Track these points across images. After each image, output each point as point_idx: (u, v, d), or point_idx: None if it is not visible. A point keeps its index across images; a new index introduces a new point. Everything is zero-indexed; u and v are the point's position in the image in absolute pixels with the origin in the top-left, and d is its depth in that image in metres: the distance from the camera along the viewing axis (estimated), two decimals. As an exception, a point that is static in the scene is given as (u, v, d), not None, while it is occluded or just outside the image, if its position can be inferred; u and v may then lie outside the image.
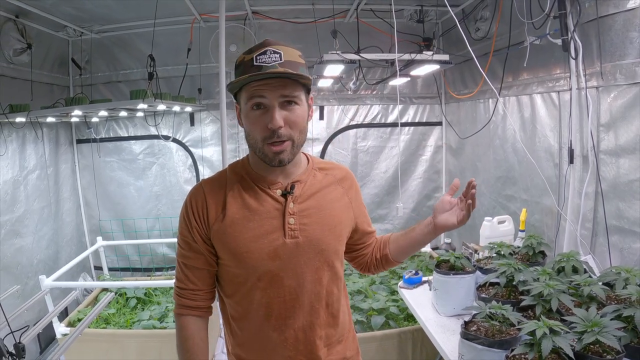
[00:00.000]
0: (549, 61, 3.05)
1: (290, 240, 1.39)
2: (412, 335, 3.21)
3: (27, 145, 4.10)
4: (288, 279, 1.40)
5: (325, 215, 1.46)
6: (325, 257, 1.45)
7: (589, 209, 2.72)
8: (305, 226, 1.41)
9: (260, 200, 1.42)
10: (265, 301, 1.41)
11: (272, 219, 1.40)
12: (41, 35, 4.22)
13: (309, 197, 1.45)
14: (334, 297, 1.50)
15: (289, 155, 1.36)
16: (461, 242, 3.36)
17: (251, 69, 1.29)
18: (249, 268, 1.40)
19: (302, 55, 1.37)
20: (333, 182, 1.54)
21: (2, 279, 3.60)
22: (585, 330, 1.55)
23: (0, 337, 1.59)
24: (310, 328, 1.45)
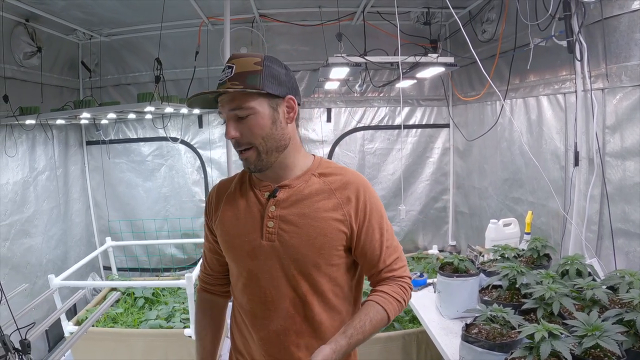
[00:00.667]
0: (554, 63, 3.03)
1: (266, 242, 1.42)
2: (417, 337, 3.21)
3: (37, 146, 4.16)
4: (264, 280, 1.44)
5: (305, 225, 1.41)
6: (301, 267, 1.41)
7: (595, 211, 2.69)
8: (283, 232, 1.41)
9: (248, 201, 1.49)
10: (247, 298, 1.49)
11: (254, 219, 1.45)
12: (51, 38, 4.28)
13: (293, 203, 1.43)
14: (315, 309, 1.44)
15: (256, 162, 1.39)
16: (467, 245, 3.35)
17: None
18: (232, 262, 1.52)
19: (262, 62, 1.36)
20: (326, 191, 1.44)
21: (11, 278, 3.66)
22: (586, 334, 1.55)
23: (6, 334, 1.62)
24: (285, 333, 1.45)
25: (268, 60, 1.37)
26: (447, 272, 2.49)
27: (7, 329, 1.74)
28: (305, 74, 4.97)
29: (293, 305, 1.44)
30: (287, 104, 1.40)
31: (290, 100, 1.40)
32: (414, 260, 4.79)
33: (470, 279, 2.43)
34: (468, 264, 2.50)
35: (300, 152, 1.49)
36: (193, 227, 5.11)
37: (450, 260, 2.52)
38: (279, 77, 1.38)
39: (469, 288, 2.41)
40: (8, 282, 3.54)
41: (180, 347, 3.35)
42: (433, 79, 4.82)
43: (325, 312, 1.46)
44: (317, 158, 1.53)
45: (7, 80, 3.55)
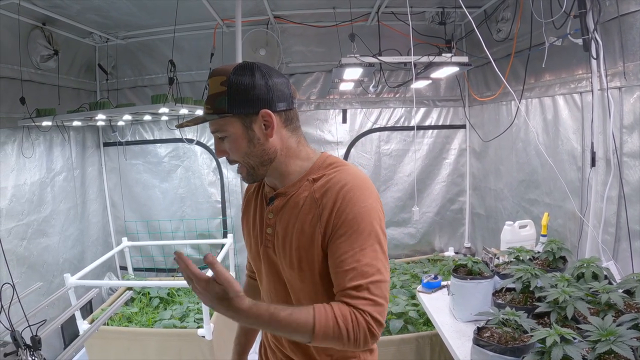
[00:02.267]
0: (570, 62, 2.98)
1: (263, 248, 1.45)
2: (431, 340, 3.18)
3: (54, 148, 4.22)
4: (266, 282, 1.49)
5: (290, 236, 1.34)
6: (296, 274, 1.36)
7: (612, 213, 2.64)
8: (278, 240, 1.38)
9: (257, 205, 1.51)
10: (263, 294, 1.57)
11: (258, 224, 1.48)
12: (68, 41, 4.34)
13: (285, 213, 1.37)
14: None
15: (248, 176, 1.38)
16: (482, 247, 3.31)
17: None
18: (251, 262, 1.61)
19: (227, 80, 1.27)
20: (310, 200, 1.33)
21: (28, 277, 3.72)
22: (600, 339, 1.51)
23: (18, 331, 1.65)
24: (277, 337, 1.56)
25: (234, 76, 1.27)
26: (460, 274, 2.47)
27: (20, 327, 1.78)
28: (321, 75, 4.96)
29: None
30: (264, 120, 1.29)
31: (265, 114, 1.28)
32: (429, 262, 4.76)
33: (484, 281, 2.41)
34: (482, 266, 2.48)
35: (296, 158, 1.39)
36: (209, 228, 5.13)
37: (464, 262, 2.50)
38: (246, 93, 1.26)
39: (483, 291, 2.39)
40: (25, 281, 3.61)
41: (194, 346, 3.37)
42: (449, 80, 4.78)
43: None
44: (320, 157, 1.41)
45: (24, 83, 3.60)
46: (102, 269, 4.87)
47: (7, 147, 3.63)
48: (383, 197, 5.08)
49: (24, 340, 1.65)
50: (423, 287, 2.98)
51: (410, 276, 4.21)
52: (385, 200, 5.10)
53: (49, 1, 3.49)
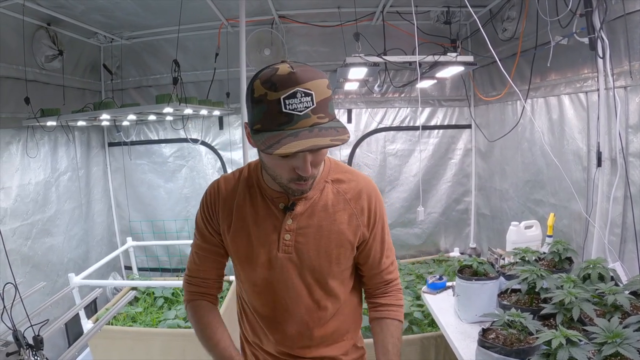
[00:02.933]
0: (576, 61, 2.96)
1: (282, 254, 1.42)
2: (435, 341, 3.17)
3: (58, 148, 4.24)
4: (280, 289, 1.45)
5: (322, 237, 1.42)
6: (317, 276, 1.44)
7: (618, 214, 2.62)
8: (300, 244, 1.41)
9: (262, 213, 1.44)
10: (261, 302, 1.50)
11: (270, 231, 1.42)
12: (73, 42, 4.35)
13: (310, 215, 1.42)
14: (328, 311, 1.50)
15: (310, 188, 1.36)
16: (487, 247, 3.29)
17: (279, 117, 1.14)
18: (245, 273, 1.49)
19: (329, 83, 1.22)
20: (341, 202, 1.44)
21: (32, 277, 3.73)
22: (606, 342, 1.49)
23: (20, 330, 1.65)
24: (301, 336, 1.50)
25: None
26: (465, 275, 2.45)
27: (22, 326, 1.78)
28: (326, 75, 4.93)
29: (307, 311, 1.47)
30: None
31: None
32: (435, 263, 4.73)
33: (489, 282, 2.38)
34: (487, 267, 2.45)
35: None
36: (214, 228, 5.12)
37: (469, 263, 2.48)
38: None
39: (488, 292, 2.36)
40: (29, 280, 3.61)
41: (198, 347, 3.34)
42: (454, 79, 4.76)
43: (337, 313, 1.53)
44: (328, 160, 1.48)
45: (29, 83, 3.61)
46: (107, 268, 4.88)
47: (11, 147, 3.64)
48: (388, 198, 5.09)
49: (26, 340, 1.65)
50: (428, 288, 2.96)
51: (415, 277, 4.20)
52: (390, 201, 5.09)
53: (53, 1, 3.49)
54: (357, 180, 1.48)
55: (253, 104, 1.19)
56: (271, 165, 1.28)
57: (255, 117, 1.19)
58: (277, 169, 1.27)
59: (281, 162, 1.23)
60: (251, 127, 1.21)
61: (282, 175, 1.27)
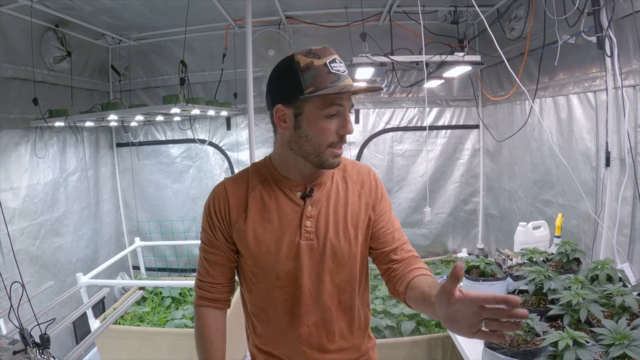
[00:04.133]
0: (584, 60, 2.93)
1: (305, 242, 1.44)
2: (443, 342, 3.15)
3: (67, 148, 4.27)
4: (304, 279, 1.46)
5: (339, 219, 1.48)
6: (339, 259, 1.48)
7: (627, 214, 2.59)
8: (321, 229, 1.45)
9: (280, 202, 1.46)
10: (283, 298, 1.48)
11: (291, 221, 1.45)
12: (81, 43, 4.38)
13: (326, 200, 1.48)
14: (347, 295, 1.53)
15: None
16: (495, 248, 3.27)
17: (329, 76, 1.31)
18: (267, 267, 1.46)
19: None
20: (348, 183, 1.54)
21: (41, 276, 3.76)
22: (613, 343, 1.48)
23: (26, 329, 1.66)
24: (322, 324, 1.51)
25: None
26: (473, 276, 2.44)
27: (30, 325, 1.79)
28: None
29: (329, 297, 1.49)
30: None
31: None
32: (442, 264, 4.71)
33: (496, 283, 2.38)
34: (495, 267, 2.44)
35: None
36: (221, 228, 5.12)
37: (476, 263, 2.47)
38: None
39: (495, 292, 2.35)
40: (37, 280, 3.64)
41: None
42: (462, 79, 4.73)
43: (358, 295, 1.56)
44: None
45: (37, 84, 3.63)
46: (115, 268, 4.91)
47: (20, 148, 3.67)
48: (396, 198, 5.09)
49: (32, 339, 1.66)
50: (435, 289, 2.95)
51: (422, 277, 4.18)
52: (398, 201, 5.08)
53: (61, 3, 3.52)
54: (359, 166, 1.61)
55: (301, 72, 1.31)
56: (315, 132, 1.35)
57: (306, 81, 1.31)
58: (321, 134, 1.35)
59: (327, 124, 1.34)
60: (300, 95, 1.31)
61: (325, 139, 1.36)
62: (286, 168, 1.47)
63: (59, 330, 2.09)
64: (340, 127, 1.35)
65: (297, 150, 1.40)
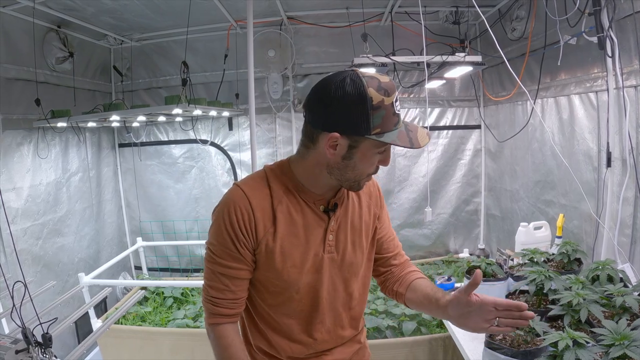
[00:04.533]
0: (586, 60, 2.93)
1: (328, 255, 1.47)
2: (444, 342, 3.15)
3: (69, 149, 4.28)
4: (323, 290, 1.49)
5: (355, 232, 1.53)
6: (354, 270, 1.54)
7: (628, 214, 2.58)
8: (340, 243, 1.50)
9: (307, 217, 1.45)
10: (299, 309, 1.50)
11: (316, 235, 1.46)
12: (83, 44, 4.40)
13: (344, 214, 1.51)
14: (356, 301, 1.59)
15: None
16: (496, 248, 3.27)
17: (394, 118, 1.29)
18: (290, 281, 1.45)
19: None
20: (362, 198, 1.58)
21: (43, 276, 3.77)
22: (613, 344, 1.48)
23: (29, 328, 1.67)
24: (334, 329, 1.56)
25: None
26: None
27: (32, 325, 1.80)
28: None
29: (342, 304, 1.55)
30: None
31: None
32: (444, 264, 4.71)
33: (497, 283, 2.37)
34: (495, 268, 2.44)
35: None
36: (224, 229, 5.11)
37: (477, 264, 2.46)
38: None
39: (496, 293, 2.35)
40: (40, 280, 3.65)
41: (207, 346, 3.34)
42: (463, 80, 4.73)
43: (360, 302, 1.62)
44: None
45: (39, 85, 3.65)
46: (117, 268, 4.91)
47: (23, 148, 3.68)
48: (397, 198, 5.08)
49: (35, 338, 1.67)
50: (436, 289, 2.95)
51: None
52: (399, 202, 5.08)
53: (63, 4, 3.53)
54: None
55: (372, 111, 1.26)
56: (364, 165, 1.36)
57: (375, 122, 1.26)
58: (369, 167, 1.37)
59: (376, 159, 1.36)
60: (366, 134, 1.28)
61: (367, 171, 1.38)
62: (312, 183, 1.43)
63: (61, 330, 2.11)
64: (382, 161, 1.38)
65: (336, 175, 1.38)
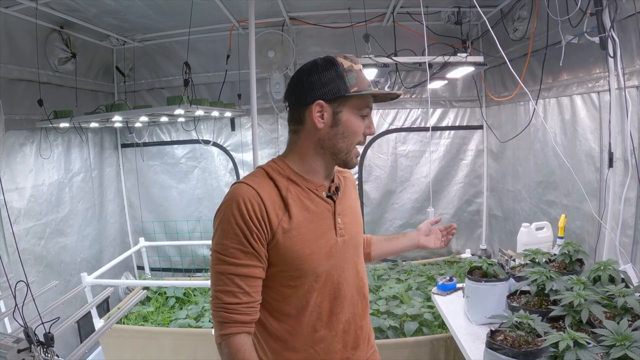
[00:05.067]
0: (588, 60, 2.93)
1: (340, 238, 1.50)
2: (445, 342, 3.15)
3: (72, 149, 4.29)
4: (337, 275, 1.50)
5: (355, 213, 1.63)
6: (360, 251, 1.63)
7: (630, 215, 2.58)
8: (347, 225, 1.54)
9: (315, 203, 1.48)
10: (320, 301, 1.47)
11: (326, 219, 1.49)
12: (85, 44, 4.41)
13: (342, 198, 1.57)
14: (366, 285, 1.64)
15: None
16: (498, 248, 3.27)
17: (366, 80, 1.44)
18: (309, 270, 1.43)
19: None
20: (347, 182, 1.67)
21: (46, 276, 3.78)
22: (614, 344, 1.48)
23: (31, 327, 1.67)
24: (353, 320, 1.56)
25: None
26: (475, 276, 2.44)
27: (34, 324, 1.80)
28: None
29: (356, 290, 1.57)
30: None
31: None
32: (446, 264, 4.71)
33: (499, 284, 2.37)
34: (497, 268, 2.43)
35: None
36: (226, 229, 5.11)
37: (479, 264, 2.46)
38: None
39: (498, 293, 2.35)
40: (42, 280, 3.66)
41: (208, 346, 3.35)
42: (465, 80, 4.73)
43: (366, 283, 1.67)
44: None
45: (42, 85, 3.66)
46: (120, 268, 4.92)
47: (25, 149, 3.69)
48: (399, 199, 5.10)
49: (37, 337, 1.68)
50: (438, 289, 2.95)
51: (426, 278, 4.18)
52: (401, 202, 5.09)
53: (65, 5, 3.54)
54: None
55: (345, 73, 1.41)
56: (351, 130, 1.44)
57: (350, 81, 1.41)
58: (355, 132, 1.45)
59: (361, 123, 1.45)
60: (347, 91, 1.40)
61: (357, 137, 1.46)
62: (308, 170, 1.48)
63: (63, 329, 2.11)
64: (367, 128, 1.47)
65: (329, 148, 1.45)
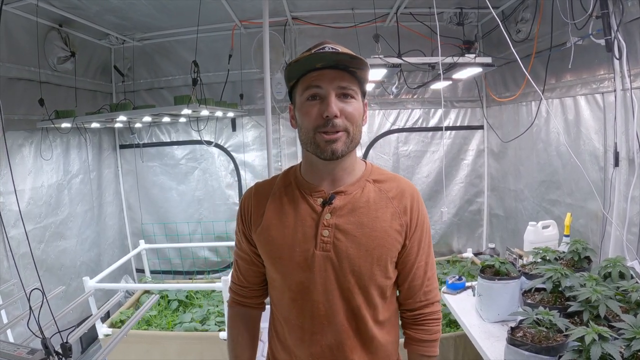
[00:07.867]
0: (592, 62, 2.97)
1: (320, 252, 1.32)
2: (455, 341, 3.16)
3: (71, 150, 4.24)
4: (317, 293, 1.34)
5: (363, 234, 1.33)
6: (357, 279, 1.34)
7: (636, 213, 2.63)
8: (339, 242, 1.32)
9: (299, 208, 1.37)
10: (296, 311, 1.38)
11: (307, 227, 1.35)
12: (84, 43, 4.36)
13: (350, 212, 1.35)
14: (368, 323, 1.37)
15: (343, 147, 1.28)
16: (505, 248, 3.30)
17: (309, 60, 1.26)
18: (280, 275, 1.38)
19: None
20: (383, 200, 1.38)
21: (46, 280, 3.70)
22: (635, 337, 1.51)
23: (48, 337, 1.62)
24: (339, 348, 1.37)
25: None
26: (488, 275, 2.45)
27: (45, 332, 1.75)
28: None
29: (347, 319, 1.36)
30: (365, 106, 1.37)
31: (365, 103, 1.37)
32: (448, 264, 4.74)
33: (511, 282, 2.38)
34: (509, 267, 2.45)
35: (356, 156, 1.42)
36: (227, 230, 5.11)
37: (491, 263, 2.48)
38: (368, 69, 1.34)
39: (510, 291, 2.37)
40: (43, 284, 3.57)
41: (216, 349, 3.34)
42: (467, 81, 4.76)
43: (376, 327, 1.39)
44: (369, 163, 1.47)
45: (41, 85, 3.61)
46: (119, 271, 4.87)
47: (24, 150, 3.62)
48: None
49: (53, 347, 1.60)
50: (448, 288, 2.96)
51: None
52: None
53: (67, 2, 3.50)
54: (399, 181, 1.43)
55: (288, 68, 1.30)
56: (301, 117, 1.31)
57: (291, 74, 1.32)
58: (305, 118, 1.29)
59: (309, 107, 1.28)
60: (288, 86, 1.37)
61: (310, 122, 1.28)
62: (309, 173, 1.40)
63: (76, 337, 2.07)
64: (322, 110, 1.25)
65: (304, 146, 1.35)
